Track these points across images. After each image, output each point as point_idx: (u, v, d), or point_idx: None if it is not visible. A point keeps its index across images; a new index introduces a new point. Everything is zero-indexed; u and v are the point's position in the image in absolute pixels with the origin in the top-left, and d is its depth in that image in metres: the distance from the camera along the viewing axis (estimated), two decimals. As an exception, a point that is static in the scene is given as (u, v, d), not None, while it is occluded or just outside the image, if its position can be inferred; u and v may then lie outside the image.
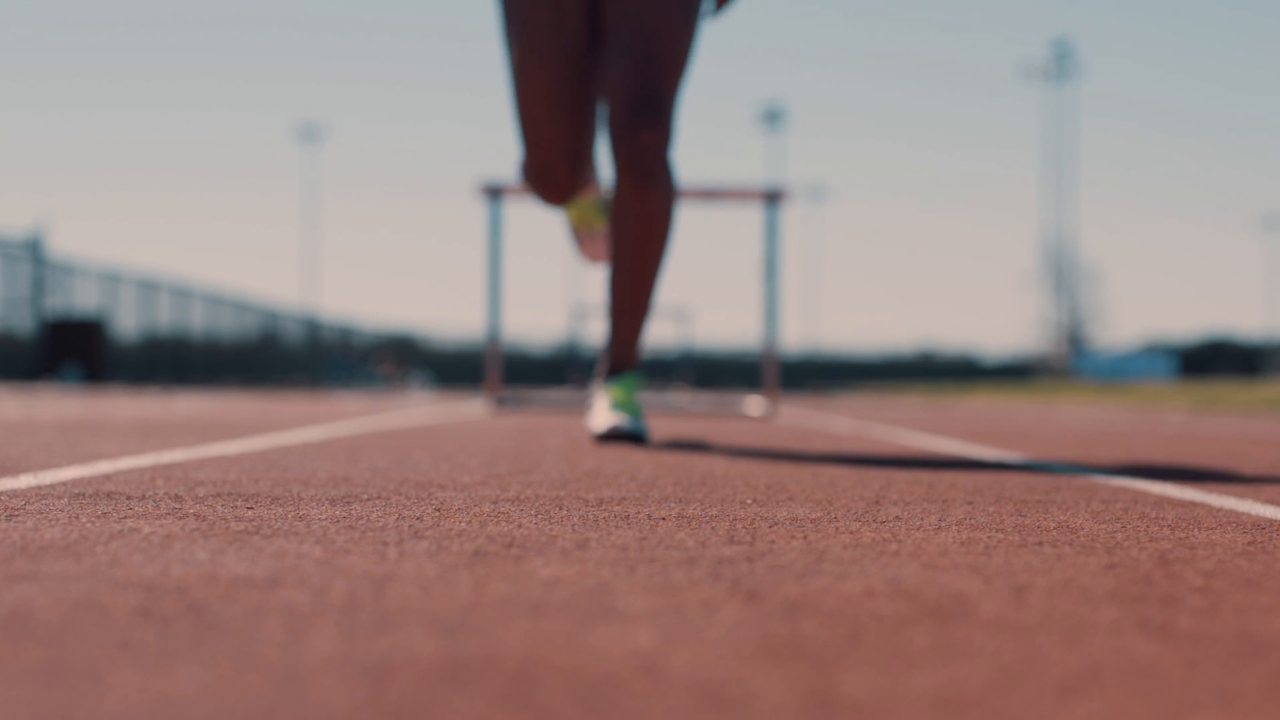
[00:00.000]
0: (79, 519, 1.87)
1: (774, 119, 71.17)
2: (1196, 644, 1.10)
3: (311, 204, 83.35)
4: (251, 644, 1.04)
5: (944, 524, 1.98)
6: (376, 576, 1.39)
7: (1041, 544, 1.76)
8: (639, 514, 2.06)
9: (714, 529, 1.87)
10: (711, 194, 8.83)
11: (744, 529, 1.87)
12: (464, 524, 1.88)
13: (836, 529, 1.89)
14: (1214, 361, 70.11)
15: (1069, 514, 2.16)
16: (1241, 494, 2.63)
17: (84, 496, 2.20)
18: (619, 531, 1.82)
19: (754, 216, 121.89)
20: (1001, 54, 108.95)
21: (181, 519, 1.90)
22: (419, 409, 10.09)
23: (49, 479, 2.56)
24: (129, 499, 2.17)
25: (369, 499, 2.24)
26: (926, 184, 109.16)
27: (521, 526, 1.87)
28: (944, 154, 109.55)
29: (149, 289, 37.00)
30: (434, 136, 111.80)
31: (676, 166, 3.98)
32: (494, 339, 8.97)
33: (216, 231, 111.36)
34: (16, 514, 1.93)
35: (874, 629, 1.15)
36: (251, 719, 0.83)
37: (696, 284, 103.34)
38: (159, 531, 1.74)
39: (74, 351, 29.74)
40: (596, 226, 4.77)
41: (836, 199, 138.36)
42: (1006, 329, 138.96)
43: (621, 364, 4.34)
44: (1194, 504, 2.38)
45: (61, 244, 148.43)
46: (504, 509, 2.10)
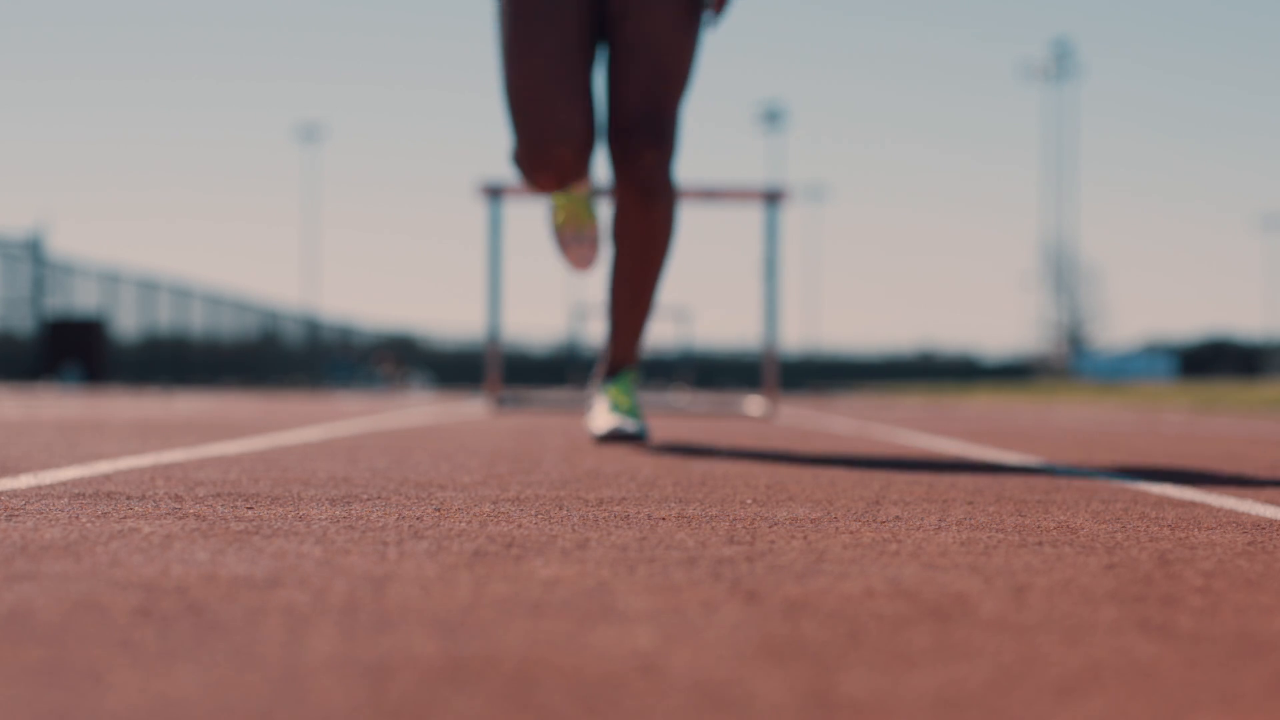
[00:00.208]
0: (79, 519, 1.87)
1: (774, 119, 71.18)
2: (1196, 644, 1.10)
3: (311, 204, 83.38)
4: (251, 644, 1.04)
5: (944, 524, 1.98)
6: (376, 576, 1.39)
7: (1041, 544, 1.76)
8: (639, 514, 2.06)
9: (714, 529, 1.87)
10: (711, 194, 8.83)
11: (744, 529, 1.87)
12: (464, 524, 1.88)
13: (836, 529, 1.89)
14: (1214, 361, 70.11)
15: (1069, 514, 2.16)
16: (1241, 494, 2.63)
17: (84, 496, 2.20)
18: (619, 531, 1.82)
19: (754, 216, 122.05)
20: (1001, 54, 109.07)
21: (181, 519, 1.90)
22: (419, 409, 10.09)
23: (49, 479, 2.56)
24: (129, 499, 2.17)
25: (369, 499, 2.24)
26: (926, 184, 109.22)
27: (521, 526, 1.87)
28: (944, 154, 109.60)
29: (149, 289, 37.01)
30: (434, 136, 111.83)
31: (677, 178, 3.98)
32: (494, 339, 8.97)
33: (216, 231, 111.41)
34: (16, 514, 1.93)
35: (874, 629, 1.15)
36: (251, 719, 0.83)
37: (696, 284, 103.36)
38: (159, 531, 1.74)
39: (74, 351, 29.74)
40: (585, 229, 4.54)
41: (836, 199, 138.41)
42: (1006, 329, 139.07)
43: (620, 364, 4.34)
44: (1194, 504, 2.38)
45: (61, 244, 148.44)
46: (504, 509, 2.10)
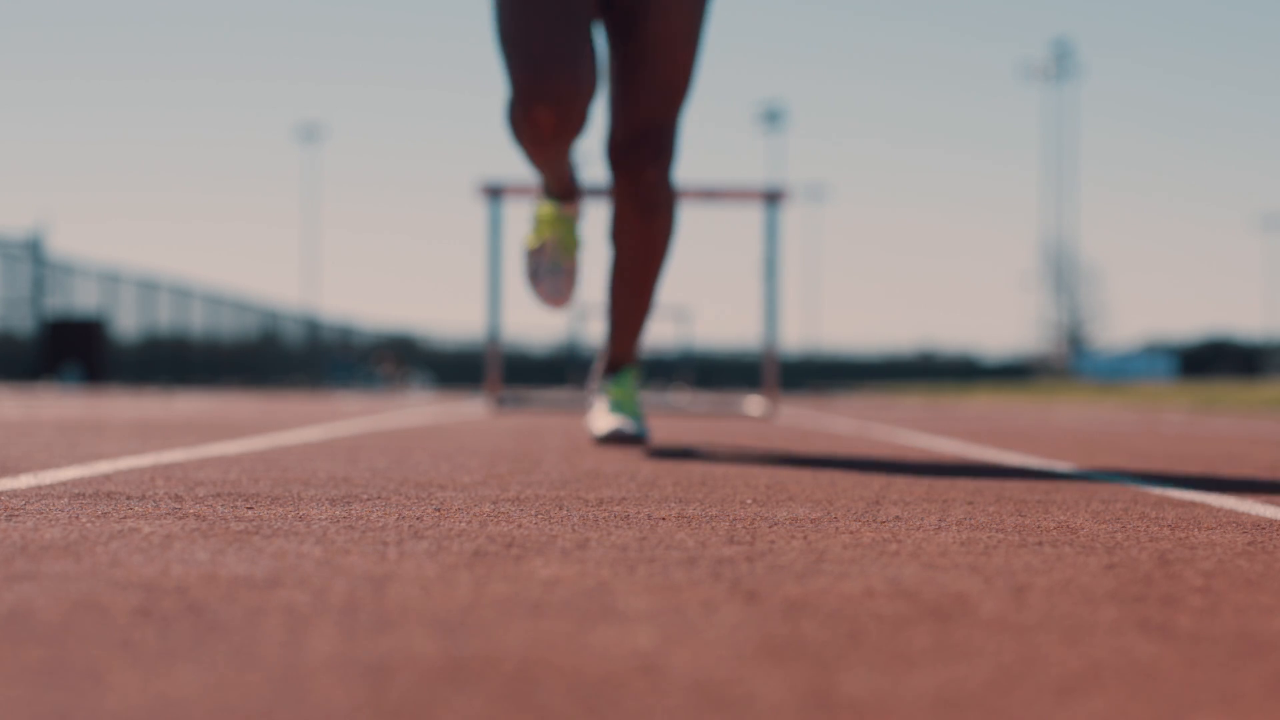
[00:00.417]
0: (79, 519, 1.87)
1: (774, 119, 71.17)
2: (1196, 644, 1.10)
3: (311, 204, 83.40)
4: (251, 644, 1.04)
5: (944, 524, 1.98)
6: (376, 576, 1.39)
7: (1041, 544, 1.76)
8: (639, 514, 2.05)
9: (714, 529, 1.87)
10: (711, 194, 8.83)
11: (744, 529, 1.87)
12: (464, 524, 1.88)
13: (836, 529, 1.89)
14: (1214, 361, 70.09)
15: (1069, 514, 2.16)
16: (1241, 494, 2.63)
17: (84, 496, 2.20)
18: (619, 531, 1.82)
19: (754, 216, 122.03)
20: (1001, 54, 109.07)
21: (181, 519, 1.90)
22: (419, 409, 10.09)
23: (49, 479, 2.56)
24: (129, 499, 2.17)
25: (369, 499, 2.24)
26: (926, 184, 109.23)
27: (521, 526, 1.87)
28: (944, 154, 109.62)
29: (149, 289, 37.00)
30: (434, 136, 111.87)
31: (676, 184, 3.97)
32: (494, 339, 8.97)
33: (216, 231, 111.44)
34: (16, 514, 1.93)
35: (874, 629, 1.14)
36: (251, 719, 0.83)
37: (696, 284, 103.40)
38: (159, 531, 1.74)
39: (74, 351, 29.73)
40: (564, 258, 4.25)
41: (836, 199, 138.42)
42: (1006, 329, 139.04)
43: (620, 362, 4.35)
44: (1194, 504, 2.38)
45: (61, 244, 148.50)
46: (504, 509, 2.10)
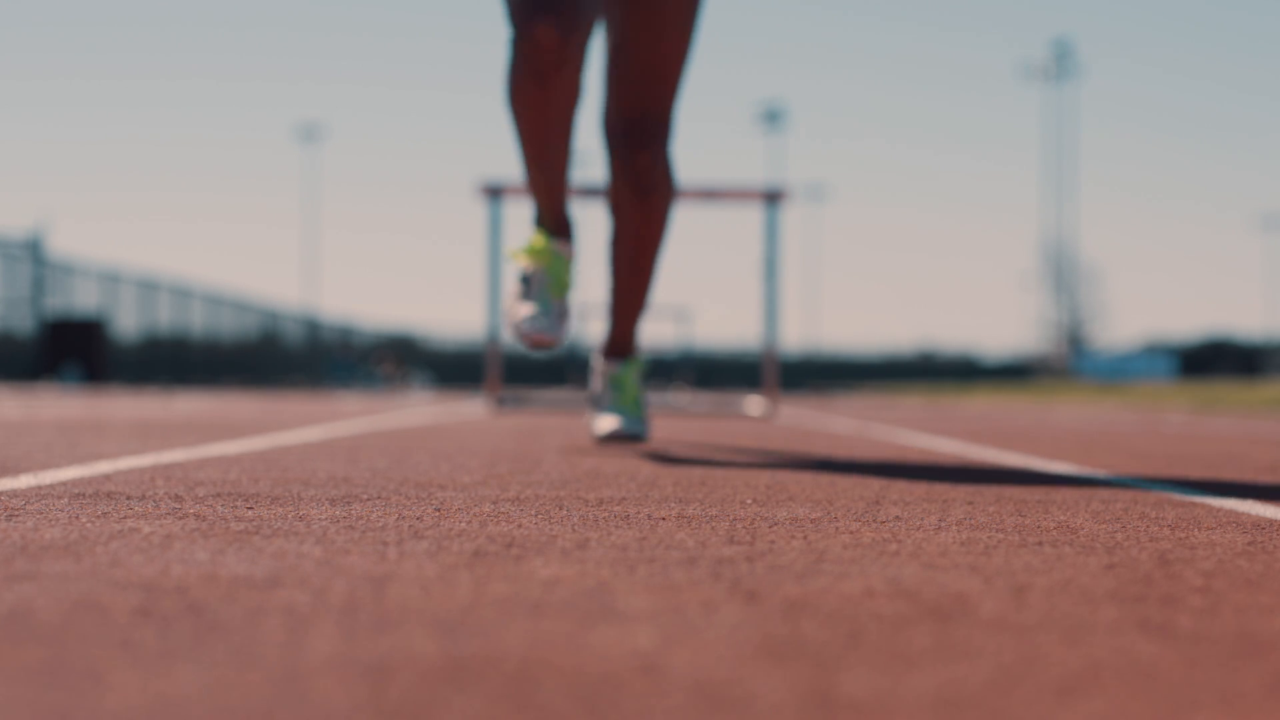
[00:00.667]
0: (79, 519, 1.87)
1: (774, 119, 71.17)
2: (1196, 644, 1.10)
3: (311, 204, 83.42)
4: (251, 644, 1.04)
5: (944, 524, 1.98)
6: (376, 576, 1.39)
7: (1041, 544, 1.76)
8: (639, 514, 2.05)
9: (714, 529, 1.87)
10: (711, 194, 8.83)
11: (744, 529, 1.87)
12: (464, 524, 1.88)
13: (836, 529, 1.89)
14: (1214, 361, 70.08)
15: (1069, 514, 2.16)
16: (1241, 494, 2.63)
17: (84, 496, 2.20)
18: (619, 531, 1.82)
19: (754, 216, 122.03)
20: (1001, 54, 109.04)
21: (181, 519, 1.90)
22: (419, 409, 10.09)
23: (49, 479, 2.56)
24: (129, 499, 2.17)
25: (369, 499, 2.24)
26: (926, 184, 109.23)
27: (521, 526, 1.86)
28: (944, 154, 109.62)
29: (149, 289, 37.00)
30: (434, 136, 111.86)
31: (675, 162, 3.97)
32: (494, 339, 8.97)
33: (216, 231, 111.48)
34: (16, 514, 1.93)
35: (874, 629, 1.14)
36: (251, 719, 0.83)
37: (696, 284, 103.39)
38: (159, 531, 1.74)
39: (74, 351, 29.73)
40: (554, 295, 3.95)
41: (836, 199, 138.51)
42: (1006, 329, 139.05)
43: (623, 344, 4.32)
44: (1194, 504, 2.38)
45: (61, 244, 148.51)
46: (504, 509, 2.10)
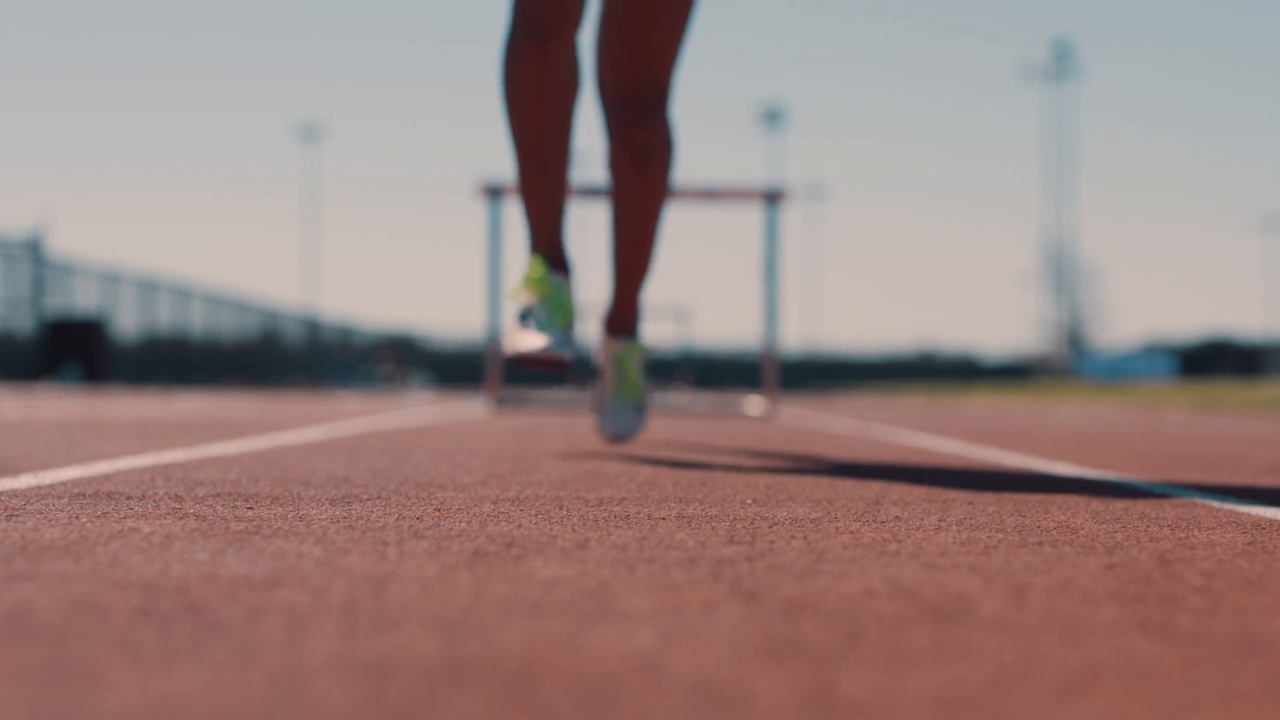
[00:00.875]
0: (79, 519, 1.87)
1: (774, 119, 71.17)
2: (1196, 644, 1.10)
3: (311, 204, 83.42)
4: (251, 644, 1.04)
5: (944, 524, 1.98)
6: (376, 576, 1.39)
7: (1041, 544, 1.76)
8: (639, 514, 2.05)
9: (714, 529, 1.87)
10: (711, 194, 8.83)
11: (744, 529, 1.87)
12: (464, 524, 1.88)
13: (836, 529, 1.89)
14: (1214, 361, 70.08)
15: (1069, 514, 2.16)
16: (1241, 494, 2.63)
17: (84, 496, 2.20)
18: (619, 531, 1.82)
19: (754, 216, 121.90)
20: (1001, 54, 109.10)
21: (181, 519, 1.90)
22: (419, 409, 10.09)
23: (49, 479, 2.56)
24: (129, 499, 2.17)
25: (369, 499, 2.24)
26: (926, 184, 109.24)
27: (521, 526, 1.86)
28: (944, 154, 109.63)
29: (149, 289, 36.99)
30: (434, 136, 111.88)
31: (674, 124, 3.95)
32: (494, 339, 8.97)
33: (216, 231, 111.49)
34: (16, 514, 1.93)
35: (874, 629, 1.14)
36: (251, 719, 0.83)
37: (696, 284, 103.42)
38: (159, 531, 1.74)
39: (74, 351, 29.73)
40: (558, 319, 3.73)
41: (836, 199, 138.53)
42: (1006, 329, 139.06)
43: (626, 315, 4.28)
44: (1194, 504, 2.38)
45: (61, 244, 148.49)
46: (504, 509, 2.10)
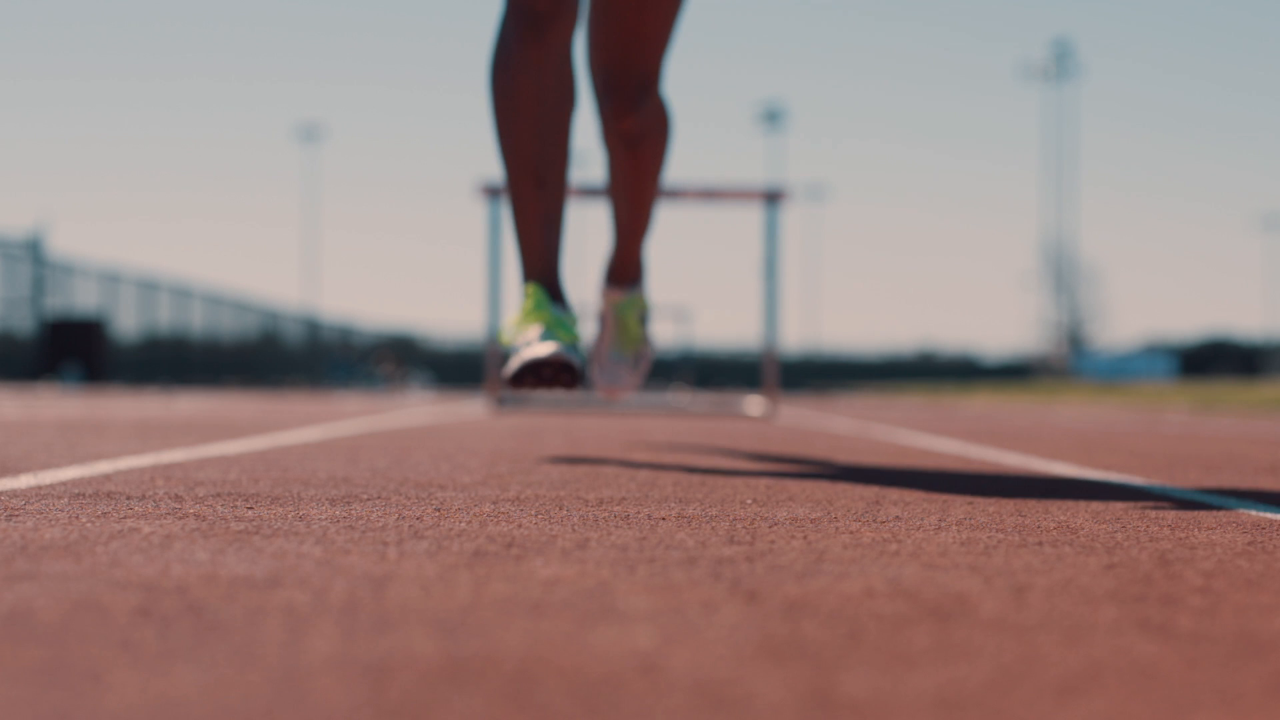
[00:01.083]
0: (79, 519, 1.87)
1: (774, 119, 71.18)
2: (1196, 644, 1.10)
3: (311, 204, 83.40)
4: (251, 644, 1.04)
5: (944, 524, 1.98)
6: (376, 576, 1.39)
7: (1041, 544, 1.76)
8: (639, 514, 2.05)
9: (714, 529, 1.87)
10: (711, 194, 8.83)
11: (744, 529, 1.87)
12: (464, 524, 1.88)
13: (836, 529, 1.89)
14: (1214, 361, 70.08)
15: (1069, 514, 2.16)
16: (1241, 494, 2.63)
17: (84, 496, 2.20)
18: (619, 531, 1.82)
19: (754, 216, 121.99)
20: (1001, 54, 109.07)
21: (181, 519, 1.90)
22: (419, 409, 10.09)
23: (49, 479, 2.56)
24: (129, 499, 2.17)
25: (369, 499, 2.24)
26: (926, 184, 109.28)
27: (521, 526, 1.86)
28: (944, 154, 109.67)
29: (149, 289, 36.99)
30: (434, 136, 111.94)
31: (668, 101, 3.96)
32: (494, 339, 8.97)
33: (216, 231, 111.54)
34: (16, 514, 1.93)
35: (874, 629, 1.14)
36: (251, 719, 0.83)
37: (696, 284, 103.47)
38: (159, 531, 1.74)
39: (74, 351, 29.73)
40: (563, 337, 3.42)
41: (836, 199, 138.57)
42: (1006, 329, 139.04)
43: (628, 266, 4.27)
44: (1194, 504, 2.38)
45: (61, 244, 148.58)
46: (504, 509, 2.10)
